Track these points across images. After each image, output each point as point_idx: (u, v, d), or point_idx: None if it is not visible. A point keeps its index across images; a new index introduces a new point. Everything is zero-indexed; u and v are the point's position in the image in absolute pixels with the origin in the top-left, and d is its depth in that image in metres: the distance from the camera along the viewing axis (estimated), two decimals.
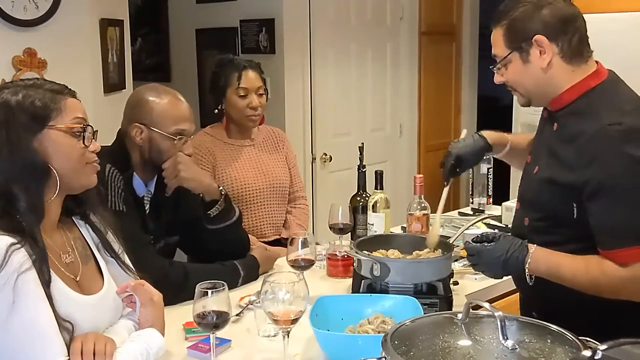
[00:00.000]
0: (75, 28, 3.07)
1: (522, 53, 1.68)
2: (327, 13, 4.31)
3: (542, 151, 1.77)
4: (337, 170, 4.42)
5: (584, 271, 1.61)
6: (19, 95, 1.46)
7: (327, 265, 2.33)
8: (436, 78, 5.01)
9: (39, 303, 1.37)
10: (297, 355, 1.69)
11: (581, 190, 1.58)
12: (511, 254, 1.66)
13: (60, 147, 1.47)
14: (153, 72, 5.02)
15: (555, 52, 1.65)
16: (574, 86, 1.67)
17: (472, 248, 1.74)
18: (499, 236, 1.71)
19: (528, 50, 1.67)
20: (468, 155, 2.06)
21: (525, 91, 1.75)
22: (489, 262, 1.71)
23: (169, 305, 1.72)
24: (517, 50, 1.68)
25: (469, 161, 2.09)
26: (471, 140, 2.08)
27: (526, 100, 1.78)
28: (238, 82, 2.65)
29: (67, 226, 1.58)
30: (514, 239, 1.70)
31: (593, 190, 1.57)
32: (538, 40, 1.64)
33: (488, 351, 1.18)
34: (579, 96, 1.67)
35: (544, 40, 1.64)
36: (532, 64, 1.68)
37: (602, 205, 1.57)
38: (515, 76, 1.73)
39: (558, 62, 1.66)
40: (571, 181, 1.60)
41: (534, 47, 1.66)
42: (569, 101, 1.68)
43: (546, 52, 1.65)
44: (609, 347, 1.03)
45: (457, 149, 2.07)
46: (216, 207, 2.22)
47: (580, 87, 1.66)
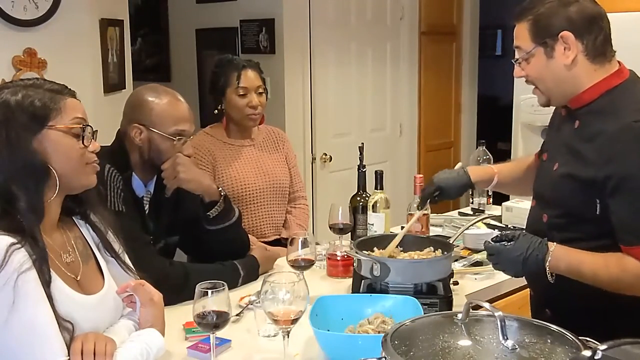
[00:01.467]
0: (75, 28, 3.07)
1: (547, 48, 1.69)
2: (327, 13, 4.31)
3: (560, 148, 1.77)
4: (337, 170, 4.42)
5: (605, 268, 1.61)
6: (18, 95, 1.46)
7: (327, 265, 2.33)
8: (436, 78, 5.01)
9: (39, 303, 1.37)
10: (297, 355, 1.69)
11: (603, 186, 1.59)
12: (531, 253, 1.65)
13: (60, 147, 1.47)
14: (153, 72, 5.02)
15: (580, 50, 1.66)
16: (596, 85, 1.68)
17: (492, 247, 1.73)
18: (518, 235, 1.71)
19: (553, 46, 1.68)
20: (449, 188, 2.12)
21: (545, 88, 1.75)
22: (509, 261, 1.70)
23: (169, 305, 1.72)
24: (542, 45, 1.69)
25: (449, 194, 2.15)
26: (455, 175, 2.13)
27: (546, 99, 1.78)
28: (237, 81, 2.65)
29: (68, 226, 1.58)
30: (533, 237, 1.69)
31: (615, 186, 1.58)
32: (564, 37, 1.66)
33: (488, 351, 1.18)
34: (600, 95, 1.68)
35: (570, 36, 1.65)
36: (555, 60, 1.68)
37: (624, 202, 1.58)
38: (536, 71, 1.73)
39: (582, 60, 1.67)
40: (593, 177, 1.61)
41: (559, 43, 1.67)
42: (590, 99, 1.69)
43: (571, 49, 1.66)
44: (609, 347, 1.03)
45: (440, 181, 2.13)
46: (216, 208, 2.22)
47: (602, 85, 1.68)
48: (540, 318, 1.35)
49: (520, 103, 3.66)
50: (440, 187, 2.11)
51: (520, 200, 2.83)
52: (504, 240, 1.71)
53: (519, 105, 3.70)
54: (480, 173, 2.15)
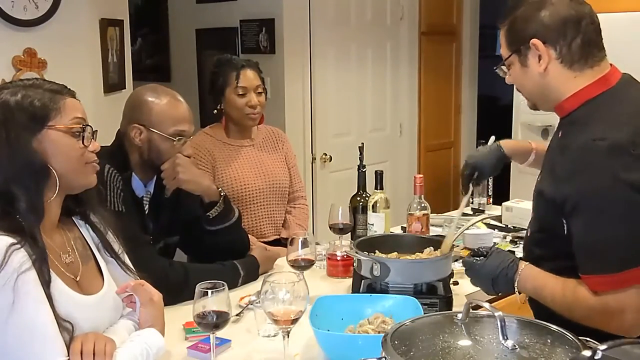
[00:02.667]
0: (75, 28, 3.07)
1: (521, 56, 1.60)
2: (327, 13, 4.31)
3: (545, 160, 1.69)
4: (337, 170, 4.42)
5: (561, 294, 1.54)
6: (18, 96, 1.46)
7: (327, 265, 2.33)
8: (436, 78, 5.01)
9: (38, 303, 1.37)
10: (297, 355, 1.69)
11: (563, 206, 1.49)
12: (500, 271, 1.62)
13: (60, 147, 1.47)
14: (153, 72, 5.02)
15: (553, 57, 1.55)
16: (576, 94, 1.56)
17: (466, 262, 1.74)
18: (491, 252, 1.68)
19: (526, 53, 1.58)
20: (484, 166, 2.05)
21: (528, 95, 1.68)
22: (480, 277, 1.69)
23: (169, 305, 1.72)
24: (516, 52, 1.60)
25: (486, 171, 2.07)
26: (488, 151, 2.06)
27: (532, 104, 1.70)
28: (236, 81, 2.65)
29: (67, 226, 1.58)
30: (506, 256, 1.65)
31: (572, 207, 1.47)
32: (534, 44, 1.55)
33: (488, 351, 1.18)
34: (581, 104, 1.56)
35: (540, 44, 1.55)
36: (530, 68, 1.59)
37: (580, 224, 1.48)
38: (517, 79, 1.65)
39: (556, 67, 1.56)
40: (554, 196, 1.52)
41: (532, 51, 1.56)
42: (570, 109, 1.58)
43: (543, 57, 1.55)
44: (609, 347, 1.03)
45: (472, 159, 2.07)
46: (215, 209, 2.22)
47: (582, 95, 1.56)
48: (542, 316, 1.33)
49: (520, 103, 3.65)
50: (474, 166, 2.04)
51: (520, 201, 2.83)
52: (479, 255, 1.70)
53: (519, 105, 3.71)
54: (515, 146, 2.06)
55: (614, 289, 1.44)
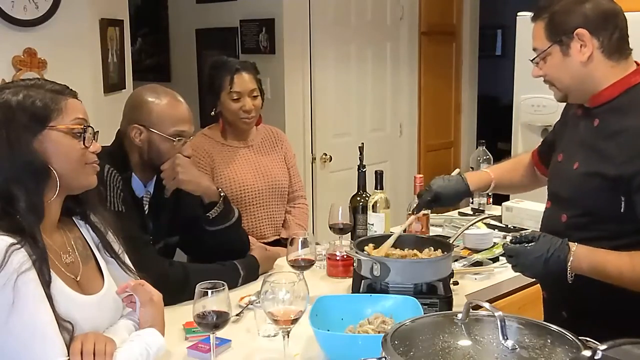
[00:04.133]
0: (75, 28, 3.07)
1: (563, 46, 1.69)
2: (327, 13, 4.31)
3: (579, 147, 1.76)
4: (337, 170, 4.42)
5: (631, 268, 1.59)
6: (19, 96, 1.46)
7: (327, 265, 2.33)
8: (436, 78, 5.01)
9: (39, 303, 1.37)
10: (297, 355, 1.69)
11: (629, 183, 1.58)
12: (552, 253, 1.63)
13: (61, 147, 1.47)
14: (153, 72, 5.02)
15: (596, 47, 1.66)
16: (616, 83, 1.68)
17: (512, 249, 1.70)
18: (538, 236, 1.69)
19: (569, 43, 1.68)
20: (446, 195, 2.11)
21: (563, 86, 1.75)
22: (530, 262, 1.67)
23: (169, 305, 1.72)
24: (558, 43, 1.69)
25: (445, 201, 2.14)
26: (453, 182, 2.11)
27: (563, 95, 1.78)
28: (230, 85, 2.62)
29: (68, 226, 1.58)
30: (553, 238, 1.67)
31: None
32: (579, 34, 1.66)
33: (488, 351, 1.18)
34: (620, 93, 1.68)
35: (586, 33, 1.65)
36: (572, 58, 1.69)
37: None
38: (554, 70, 1.73)
39: (598, 56, 1.67)
40: (619, 174, 1.60)
41: (575, 41, 1.67)
42: (609, 97, 1.69)
43: (587, 45, 1.66)
44: (608, 347, 1.04)
45: (437, 187, 2.10)
46: (215, 209, 2.22)
47: (623, 83, 1.68)
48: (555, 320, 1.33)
49: (520, 103, 3.66)
50: (437, 194, 2.10)
51: (520, 200, 2.83)
52: (524, 241, 1.69)
53: (519, 105, 3.70)
54: (477, 180, 2.14)
55: None
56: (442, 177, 2.14)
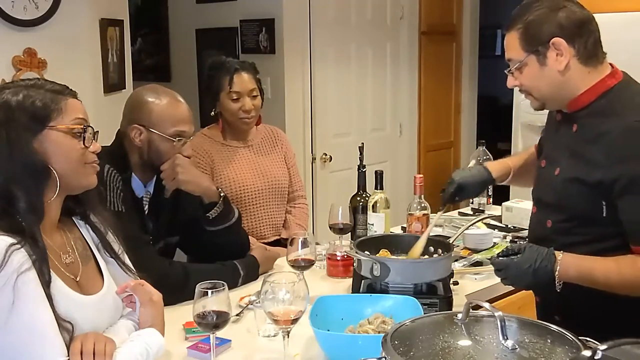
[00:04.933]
0: (75, 28, 3.07)
1: (539, 56, 1.69)
2: (327, 13, 4.31)
3: (560, 153, 1.77)
4: (337, 170, 4.42)
5: (617, 272, 1.60)
6: (19, 96, 1.46)
7: (327, 265, 2.33)
8: (436, 78, 5.01)
9: (38, 303, 1.37)
10: (297, 355, 1.69)
11: (611, 188, 1.59)
12: (539, 263, 1.64)
13: (60, 147, 1.47)
14: (153, 72, 5.02)
15: (572, 54, 1.66)
16: (593, 87, 1.68)
17: (499, 263, 1.72)
18: (524, 247, 1.70)
19: (545, 53, 1.68)
20: (470, 186, 2.09)
21: (540, 95, 1.75)
22: (518, 274, 1.68)
23: (169, 305, 1.72)
24: (534, 53, 1.69)
25: (470, 192, 2.12)
26: (476, 172, 2.11)
27: (540, 104, 1.78)
28: (230, 86, 2.62)
29: (67, 226, 1.58)
30: (539, 248, 1.68)
31: (624, 187, 1.58)
32: (555, 43, 1.66)
33: (488, 351, 1.18)
34: (597, 97, 1.68)
35: (562, 42, 1.65)
36: (549, 67, 1.69)
37: (634, 201, 1.58)
38: (531, 80, 1.73)
39: (575, 64, 1.67)
40: (600, 179, 1.61)
41: (551, 50, 1.67)
42: (587, 102, 1.69)
43: (563, 54, 1.66)
44: (609, 347, 1.04)
45: (461, 178, 2.08)
46: (215, 209, 2.22)
47: (599, 87, 1.68)
48: None
49: (520, 103, 3.66)
50: (461, 184, 2.07)
51: (520, 201, 2.83)
52: (510, 254, 1.70)
53: (519, 105, 3.71)
54: (499, 168, 2.12)
55: None
56: (463, 169, 2.15)
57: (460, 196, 2.11)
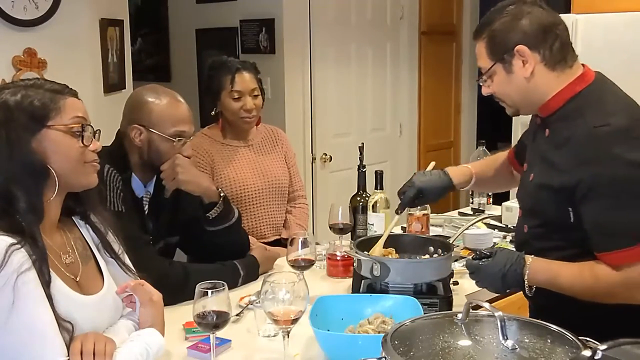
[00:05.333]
0: (75, 28, 3.07)
1: (505, 64, 1.69)
2: (327, 13, 4.31)
3: (535, 158, 1.77)
4: (337, 170, 4.42)
5: (580, 278, 1.60)
6: (18, 96, 1.46)
7: (327, 265, 2.33)
8: (436, 78, 5.01)
9: (38, 303, 1.37)
10: (297, 355, 1.69)
11: (573, 193, 1.58)
12: (509, 268, 1.65)
13: (59, 146, 1.47)
14: (153, 72, 5.02)
15: (538, 61, 1.66)
16: (560, 92, 1.67)
17: (471, 265, 1.75)
18: (495, 251, 1.71)
19: (510, 61, 1.67)
20: (430, 191, 2.06)
21: (511, 102, 1.75)
22: (489, 278, 1.70)
23: (169, 305, 1.72)
24: (500, 61, 1.69)
25: (429, 197, 2.08)
26: (437, 177, 2.08)
27: (514, 110, 1.79)
28: (231, 85, 2.62)
29: (67, 226, 1.58)
30: (510, 253, 1.70)
31: (584, 192, 1.56)
32: (520, 51, 1.65)
33: (488, 351, 1.18)
34: (566, 101, 1.66)
35: (525, 50, 1.65)
36: (515, 74, 1.68)
37: (594, 207, 1.56)
38: (500, 87, 1.73)
39: (541, 70, 1.66)
40: (564, 184, 1.60)
41: (517, 58, 1.66)
42: (556, 107, 1.68)
43: (528, 61, 1.65)
44: (609, 347, 1.04)
45: (420, 183, 2.05)
46: (215, 209, 2.22)
47: (567, 92, 1.66)
48: None
49: None
50: (420, 189, 2.05)
51: None
52: (483, 257, 1.72)
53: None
54: (459, 174, 2.12)
55: (635, 260, 1.53)
56: (423, 172, 2.10)
57: (419, 201, 2.09)
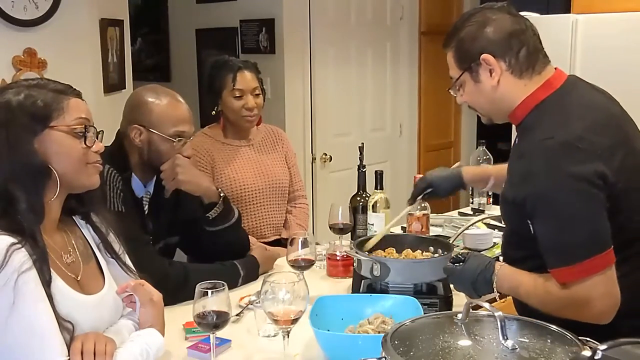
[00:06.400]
0: (75, 28, 3.07)
1: (472, 73, 1.66)
2: (327, 13, 4.31)
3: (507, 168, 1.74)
4: (337, 170, 4.42)
5: (534, 290, 1.57)
6: (20, 96, 1.46)
7: (327, 265, 2.33)
8: (436, 78, 5.00)
9: (39, 303, 1.37)
10: (297, 355, 1.69)
11: (523, 208, 1.54)
12: (479, 273, 1.64)
13: (62, 147, 1.47)
14: (153, 72, 5.03)
15: (504, 69, 1.62)
16: (524, 101, 1.63)
17: (446, 269, 1.75)
18: (469, 256, 1.70)
19: (477, 70, 1.65)
20: (440, 186, 2.13)
21: (483, 110, 1.74)
22: (460, 282, 1.71)
23: (169, 305, 1.72)
24: (467, 70, 1.68)
25: (439, 192, 2.15)
26: (449, 173, 2.13)
27: (487, 119, 1.77)
28: (233, 83, 2.63)
29: (68, 226, 1.58)
30: (483, 258, 1.69)
31: (531, 207, 1.53)
32: (485, 59, 1.63)
33: (488, 351, 1.18)
34: (530, 110, 1.63)
35: (491, 58, 1.62)
36: (483, 84, 1.66)
37: (540, 223, 1.53)
38: (470, 97, 1.72)
39: (508, 78, 1.63)
40: (515, 198, 1.57)
41: (483, 67, 1.64)
42: (522, 116, 1.65)
43: (495, 70, 1.62)
44: (609, 347, 1.04)
45: (432, 176, 2.13)
46: (215, 210, 2.22)
47: (530, 101, 1.63)
48: None
49: None
50: (431, 184, 2.11)
51: None
52: (458, 261, 1.71)
53: None
54: (475, 173, 2.14)
55: (580, 278, 1.49)
56: (439, 168, 2.16)
57: (429, 194, 2.15)
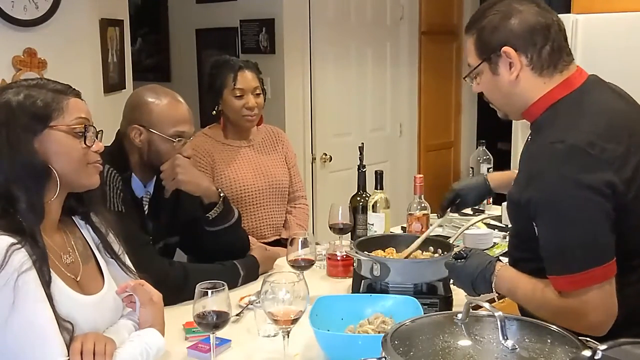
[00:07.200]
0: (75, 28, 3.07)
1: (491, 64, 1.59)
2: (327, 13, 4.31)
3: None
4: (337, 170, 4.42)
5: (532, 294, 1.55)
6: (20, 96, 1.46)
7: (327, 265, 2.33)
8: (436, 78, 5.01)
9: (39, 303, 1.37)
10: (297, 355, 1.69)
11: (528, 210, 1.51)
12: (479, 272, 1.62)
13: (61, 147, 1.47)
14: (153, 72, 5.02)
15: (525, 64, 1.56)
16: (541, 99, 1.57)
17: (447, 265, 1.75)
18: (470, 253, 1.68)
19: (497, 61, 1.58)
20: (468, 195, 2.16)
21: (498, 104, 1.68)
22: (461, 279, 1.69)
23: (169, 305, 1.72)
24: (487, 60, 1.59)
25: (468, 201, 2.19)
26: (475, 182, 2.16)
27: (503, 114, 1.71)
28: (234, 82, 2.63)
29: (68, 226, 1.58)
30: (484, 257, 1.67)
31: (534, 211, 1.49)
32: (506, 52, 1.55)
33: (488, 351, 1.18)
34: (546, 109, 1.57)
35: (512, 52, 1.55)
36: (501, 76, 1.58)
37: (543, 227, 1.50)
38: (486, 87, 1.64)
39: (528, 74, 1.56)
40: (520, 200, 1.53)
41: (503, 59, 1.56)
42: (537, 115, 1.59)
43: (514, 64, 1.55)
44: (609, 347, 1.03)
45: (458, 187, 2.16)
46: (215, 210, 2.22)
47: (546, 100, 1.56)
48: None
49: None
50: (458, 194, 2.14)
51: None
52: (460, 258, 1.70)
53: None
54: (501, 179, 2.14)
55: (576, 289, 1.46)
56: (465, 179, 2.21)
57: (458, 205, 2.18)
